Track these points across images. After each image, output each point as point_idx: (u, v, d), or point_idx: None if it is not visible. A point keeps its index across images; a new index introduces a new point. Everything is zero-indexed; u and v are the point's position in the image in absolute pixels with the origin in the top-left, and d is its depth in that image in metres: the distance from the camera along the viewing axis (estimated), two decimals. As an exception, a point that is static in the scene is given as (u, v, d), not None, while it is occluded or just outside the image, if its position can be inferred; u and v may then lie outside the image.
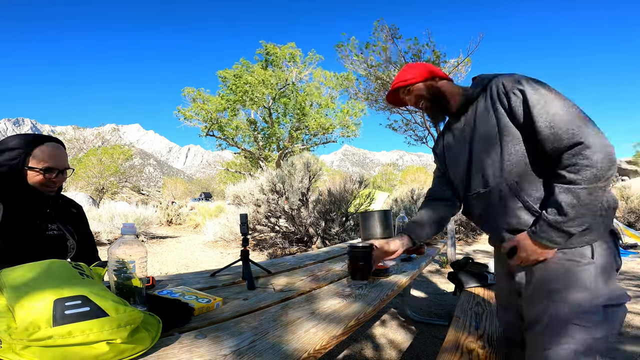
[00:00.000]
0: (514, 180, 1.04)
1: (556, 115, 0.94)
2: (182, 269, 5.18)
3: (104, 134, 39.23)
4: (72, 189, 22.47)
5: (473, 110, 1.16)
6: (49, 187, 1.36)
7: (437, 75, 1.26)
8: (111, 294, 0.71)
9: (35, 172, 1.31)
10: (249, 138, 19.33)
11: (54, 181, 1.36)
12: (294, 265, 1.76)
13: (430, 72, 1.26)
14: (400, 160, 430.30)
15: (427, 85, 1.25)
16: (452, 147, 1.28)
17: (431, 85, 1.25)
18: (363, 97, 7.16)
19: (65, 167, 1.41)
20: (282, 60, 18.57)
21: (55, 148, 1.37)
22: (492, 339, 1.62)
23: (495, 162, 1.08)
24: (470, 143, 1.16)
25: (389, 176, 45.46)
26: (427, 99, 1.25)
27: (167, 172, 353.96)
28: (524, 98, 0.99)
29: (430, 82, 1.25)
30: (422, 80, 1.25)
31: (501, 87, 1.05)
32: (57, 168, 1.36)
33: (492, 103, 1.08)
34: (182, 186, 52.88)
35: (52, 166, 1.34)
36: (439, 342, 2.42)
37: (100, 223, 7.26)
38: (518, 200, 1.05)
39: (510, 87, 1.03)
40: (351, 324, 0.97)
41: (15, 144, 1.30)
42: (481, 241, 7.97)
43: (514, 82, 1.03)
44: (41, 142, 1.34)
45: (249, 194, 6.06)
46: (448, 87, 1.24)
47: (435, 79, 1.26)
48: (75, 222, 1.52)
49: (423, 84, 1.25)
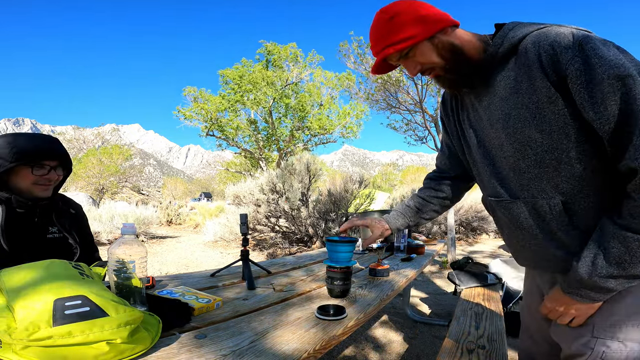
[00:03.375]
0: (564, 197, 0.77)
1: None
2: (182, 269, 5.18)
3: (104, 134, 39.26)
4: (72, 189, 22.47)
5: (500, 77, 0.81)
6: (42, 185, 1.30)
7: (447, 23, 0.83)
8: (111, 294, 0.71)
9: (25, 171, 1.25)
10: (249, 138, 19.33)
11: (47, 178, 1.30)
12: (294, 265, 1.76)
13: (436, 18, 0.83)
14: (400, 160, 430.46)
15: (437, 43, 0.83)
16: (474, 127, 0.94)
17: (442, 42, 0.83)
18: (364, 97, 7.15)
19: (59, 164, 1.33)
20: (283, 60, 18.57)
21: (43, 141, 1.30)
22: (492, 339, 1.62)
23: (547, 171, 0.78)
24: (502, 129, 0.83)
25: (389, 176, 45.46)
26: (440, 66, 0.85)
27: (167, 172, 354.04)
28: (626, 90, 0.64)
29: (440, 38, 0.82)
30: (429, 37, 0.82)
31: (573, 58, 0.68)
32: (48, 164, 1.29)
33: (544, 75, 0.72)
34: (182, 186, 52.92)
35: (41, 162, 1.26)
36: (439, 342, 2.42)
37: (100, 223, 7.26)
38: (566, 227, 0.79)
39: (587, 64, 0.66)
40: (351, 324, 0.97)
41: None
42: (481, 241, 7.97)
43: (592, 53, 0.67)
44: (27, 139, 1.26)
45: (249, 194, 6.06)
46: (467, 40, 0.84)
47: (447, 30, 0.83)
48: (75, 223, 1.49)
49: (430, 43, 0.83)
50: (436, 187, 1.23)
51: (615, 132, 0.66)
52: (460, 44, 0.83)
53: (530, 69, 0.74)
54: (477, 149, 0.94)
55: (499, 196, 0.90)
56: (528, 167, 0.80)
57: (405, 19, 0.82)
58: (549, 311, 0.87)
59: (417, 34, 0.82)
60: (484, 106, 0.87)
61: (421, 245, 2.19)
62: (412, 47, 0.84)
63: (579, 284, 0.75)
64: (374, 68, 0.94)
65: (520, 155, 0.80)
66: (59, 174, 1.36)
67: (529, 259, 0.93)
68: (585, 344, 0.80)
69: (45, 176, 1.30)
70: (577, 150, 0.73)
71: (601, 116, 0.66)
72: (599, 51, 0.66)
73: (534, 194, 0.81)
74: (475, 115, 0.92)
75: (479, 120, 0.91)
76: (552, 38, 0.71)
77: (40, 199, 1.32)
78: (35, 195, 1.30)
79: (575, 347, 0.82)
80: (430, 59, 0.84)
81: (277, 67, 18.51)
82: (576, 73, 0.68)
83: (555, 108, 0.72)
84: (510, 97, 0.79)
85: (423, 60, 0.85)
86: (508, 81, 0.79)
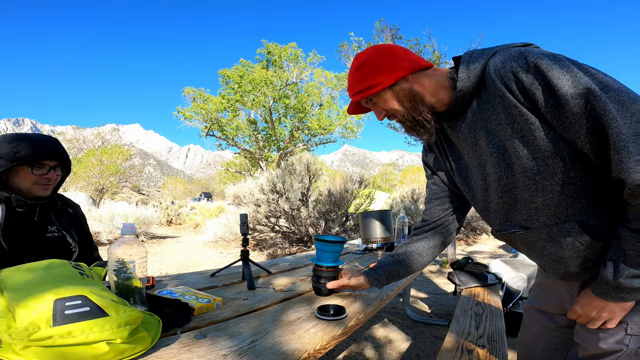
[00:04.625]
0: (571, 218, 0.78)
1: None
2: (182, 269, 5.18)
3: (104, 134, 39.22)
4: (72, 189, 22.48)
5: (478, 111, 0.82)
6: (42, 184, 1.31)
7: (408, 71, 0.85)
8: (111, 294, 0.71)
9: (24, 171, 1.26)
10: (249, 138, 19.33)
11: (47, 178, 1.31)
12: (294, 265, 1.76)
13: (399, 66, 0.85)
14: (400, 160, 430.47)
15: (398, 91, 0.86)
16: (460, 165, 0.96)
17: (403, 90, 0.86)
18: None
19: (58, 163, 1.34)
20: (283, 60, 18.57)
21: (43, 141, 1.31)
22: (492, 339, 1.62)
23: (538, 198, 0.79)
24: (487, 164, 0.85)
25: (389, 176, 45.44)
26: (401, 114, 0.89)
27: (167, 172, 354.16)
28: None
29: (401, 86, 0.86)
30: (390, 86, 0.86)
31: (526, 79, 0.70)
32: (48, 164, 1.31)
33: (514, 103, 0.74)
34: (182, 186, 52.91)
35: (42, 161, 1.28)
36: (439, 342, 2.42)
37: (100, 223, 7.26)
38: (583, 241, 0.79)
39: None
40: (351, 324, 0.97)
41: None
42: (481, 241, 7.97)
43: None
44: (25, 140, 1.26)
45: (249, 193, 6.06)
46: (430, 84, 0.86)
47: (408, 77, 0.85)
48: (74, 223, 1.49)
49: (391, 91, 0.87)
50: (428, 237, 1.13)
51: (596, 148, 0.68)
52: (421, 91, 0.86)
53: (502, 99, 0.75)
54: (476, 185, 0.94)
55: (509, 229, 0.89)
56: (531, 197, 0.80)
57: (369, 69, 0.88)
58: (579, 316, 0.86)
59: (378, 82, 0.86)
60: (470, 143, 0.88)
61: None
62: (375, 95, 0.89)
63: (607, 287, 0.76)
64: (349, 109, 0.99)
65: (521, 186, 0.80)
66: (58, 174, 1.37)
67: (557, 271, 0.90)
68: (620, 341, 0.80)
69: (44, 176, 1.31)
70: (575, 169, 0.73)
71: (578, 136, 0.68)
72: (555, 71, 0.67)
73: (545, 222, 0.81)
74: (466, 153, 0.92)
75: (470, 158, 0.91)
76: (508, 64, 0.73)
77: (39, 198, 1.33)
78: (35, 195, 1.31)
79: (607, 345, 0.82)
80: (392, 105, 0.88)
81: (277, 67, 18.51)
82: (543, 98, 0.69)
83: (540, 134, 0.73)
84: (497, 130, 0.79)
85: (385, 107, 0.90)
86: (488, 113, 0.80)
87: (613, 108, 0.63)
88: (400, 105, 0.87)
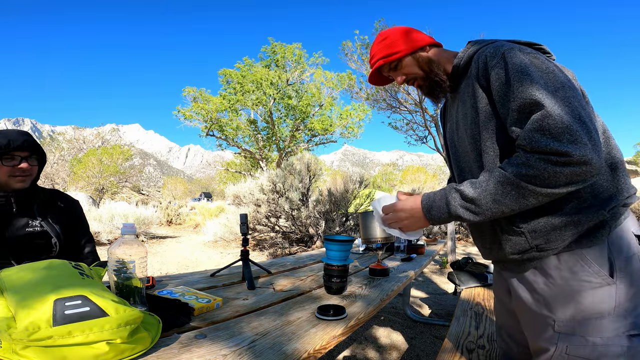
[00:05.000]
0: None
1: None
2: (182, 269, 5.18)
3: (104, 134, 39.15)
4: (72, 189, 22.47)
5: (463, 86, 0.96)
6: (19, 177, 1.31)
7: (428, 42, 1.02)
8: (111, 294, 0.71)
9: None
10: (249, 138, 19.32)
11: (20, 169, 1.31)
12: (294, 265, 1.76)
13: (418, 39, 1.02)
14: (400, 160, 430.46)
15: (417, 57, 1.01)
16: (446, 133, 1.11)
17: (422, 57, 1.01)
18: (364, 97, 7.16)
19: (29, 154, 1.34)
20: (286, 60, 18.53)
21: (11, 133, 1.31)
22: (492, 339, 1.62)
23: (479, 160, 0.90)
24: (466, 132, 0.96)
25: (389, 176, 45.43)
26: (420, 77, 1.02)
27: (167, 172, 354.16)
28: None
29: (420, 54, 1.01)
30: (411, 53, 1.00)
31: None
32: (18, 155, 1.31)
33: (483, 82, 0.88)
34: (182, 186, 52.90)
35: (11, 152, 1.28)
36: (439, 342, 2.42)
37: (100, 223, 7.26)
38: None
39: None
40: (351, 324, 0.97)
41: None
42: (481, 241, 7.96)
43: None
44: None
45: (249, 193, 6.06)
46: (442, 57, 1.02)
47: (426, 48, 1.02)
48: (63, 217, 1.45)
49: (412, 57, 1.01)
50: None
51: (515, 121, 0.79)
52: (437, 59, 1.01)
53: (472, 79, 0.90)
54: (451, 148, 1.06)
55: None
56: (469, 164, 0.94)
57: (391, 41, 1.03)
58: (392, 210, 0.96)
59: (401, 50, 1.01)
60: (455, 109, 1.02)
61: (421, 245, 2.19)
62: (398, 61, 1.02)
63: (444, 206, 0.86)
64: (370, 78, 1.12)
65: (476, 153, 0.91)
66: (33, 164, 1.37)
67: (480, 248, 1.01)
68: (549, 339, 0.82)
69: (17, 167, 1.32)
70: (509, 140, 0.83)
71: (507, 111, 0.80)
72: (515, 58, 0.79)
73: None
74: (449, 117, 1.07)
75: (452, 122, 1.05)
76: (488, 51, 0.86)
77: (16, 190, 1.33)
78: (13, 188, 1.32)
79: (541, 342, 0.85)
80: (413, 70, 1.02)
81: (279, 67, 18.50)
82: (495, 76, 0.82)
83: (494, 110, 0.84)
84: (467, 101, 0.93)
85: (407, 71, 1.03)
86: (467, 89, 0.93)
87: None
88: (420, 69, 1.01)
